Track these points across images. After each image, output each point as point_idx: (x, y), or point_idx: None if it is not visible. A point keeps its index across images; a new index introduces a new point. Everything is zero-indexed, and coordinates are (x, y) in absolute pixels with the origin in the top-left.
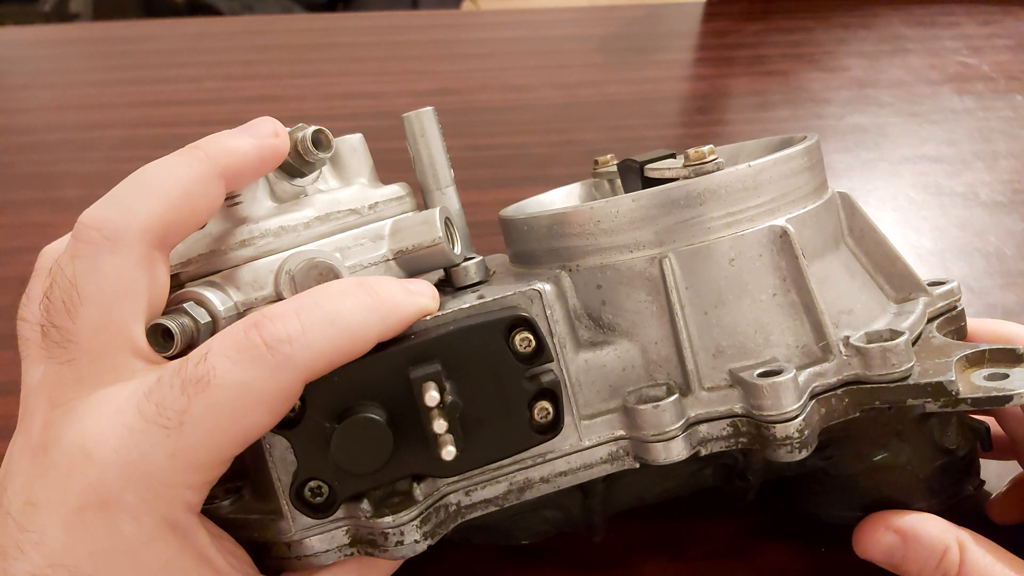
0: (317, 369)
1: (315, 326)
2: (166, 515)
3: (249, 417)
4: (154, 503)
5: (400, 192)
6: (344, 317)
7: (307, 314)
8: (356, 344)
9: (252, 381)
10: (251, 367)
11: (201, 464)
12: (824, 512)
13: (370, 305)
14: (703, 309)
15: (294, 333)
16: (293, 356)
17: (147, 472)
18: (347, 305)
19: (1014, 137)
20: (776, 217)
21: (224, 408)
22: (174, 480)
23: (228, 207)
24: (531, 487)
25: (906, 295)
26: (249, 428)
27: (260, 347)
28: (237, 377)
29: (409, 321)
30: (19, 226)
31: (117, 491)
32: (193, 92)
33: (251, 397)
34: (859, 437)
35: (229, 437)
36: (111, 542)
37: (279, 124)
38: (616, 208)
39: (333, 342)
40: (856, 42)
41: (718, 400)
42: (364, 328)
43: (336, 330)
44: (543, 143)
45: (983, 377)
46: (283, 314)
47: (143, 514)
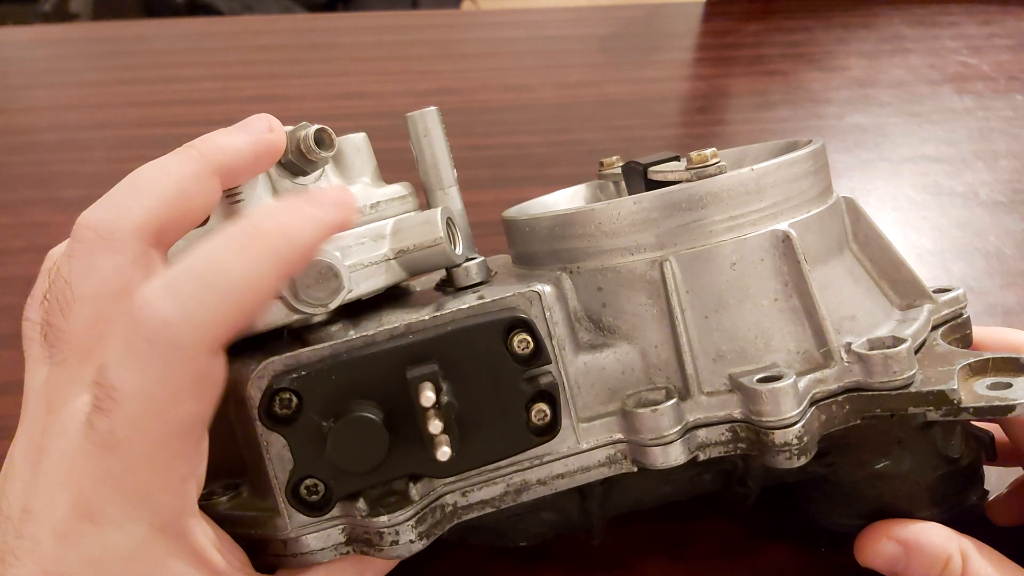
0: (215, 338)
1: (192, 298)
2: (152, 521)
3: (172, 413)
4: (135, 512)
5: (403, 192)
6: (225, 276)
7: (181, 288)
8: (251, 297)
9: (153, 384)
10: (146, 370)
11: (158, 468)
12: (825, 519)
13: (254, 249)
14: (704, 313)
15: (172, 318)
16: (181, 340)
17: (115, 488)
18: (225, 260)
19: (1014, 137)
20: (779, 221)
21: (141, 418)
22: (145, 490)
23: (230, 205)
24: (528, 489)
25: (911, 302)
26: (182, 420)
27: (143, 345)
28: (136, 383)
29: (314, 243)
30: (19, 226)
31: (99, 504)
32: (193, 92)
33: (161, 398)
34: (860, 444)
35: (166, 436)
36: (102, 551)
37: (274, 120)
38: (617, 210)
39: (220, 307)
40: (856, 42)
41: (717, 405)
42: (254, 278)
43: (219, 294)
44: (543, 143)
45: (986, 386)
46: (152, 298)
47: (128, 523)
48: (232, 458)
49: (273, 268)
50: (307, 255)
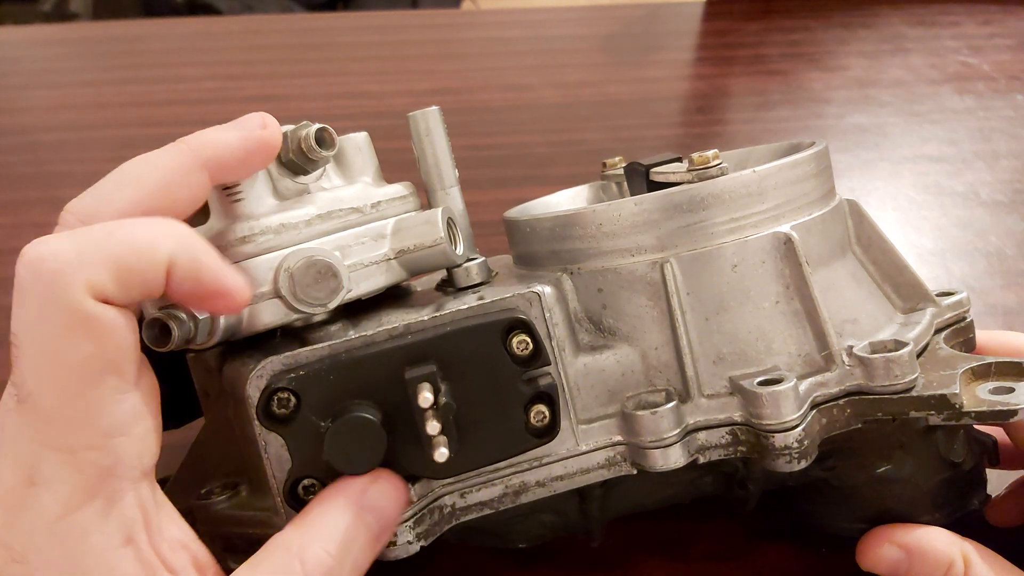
0: (99, 280)
1: (85, 238)
2: (79, 482)
3: (67, 354)
4: (63, 471)
5: (403, 191)
6: (124, 233)
7: (80, 232)
8: (140, 258)
9: (39, 320)
10: (30, 307)
11: (76, 420)
12: (826, 523)
13: (163, 228)
14: (704, 315)
15: (58, 248)
16: (57, 270)
17: (43, 444)
18: (126, 225)
19: (1015, 137)
20: (781, 224)
21: (40, 362)
22: (67, 444)
23: (230, 203)
24: (527, 491)
25: (913, 305)
26: (78, 363)
27: (25, 279)
28: (27, 325)
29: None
30: (19, 226)
31: (34, 466)
32: (193, 92)
33: (49, 335)
34: (862, 448)
35: (70, 383)
36: (37, 518)
37: (270, 117)
38: (619, 211)
39: (107, 250)
40: (856, 42)
41: (717, 408)
42: (146, 243)
43: (112, 241)
44: (543, 143)
45: (988, 390)
46: (47, 238)
47: (57, 483)
48: (231, 458)
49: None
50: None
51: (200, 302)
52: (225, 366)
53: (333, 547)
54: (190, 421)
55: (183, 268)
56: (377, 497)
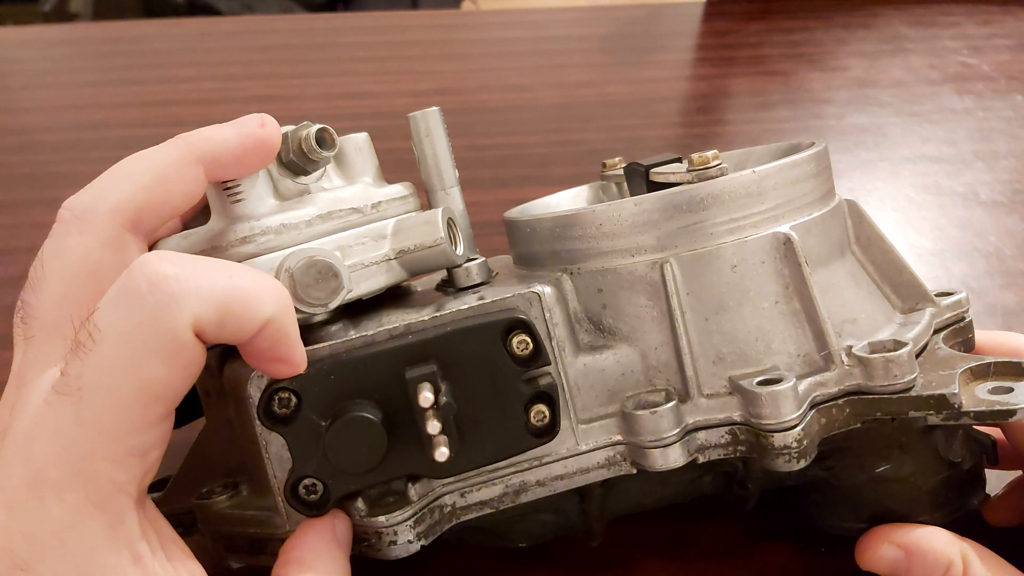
0: (205, 316)
1: (209, 273)
2: (90, 493)
3: (142, 370)
4: (75, 479)
5: (404, 192)
6: (242, 280)
7: (203, 263)
8: (247, 310)
9: (135, 328)
10: (132, 312)
11: (110, 430)
12: (825, 523)
13: (273, 288)
14: (704, 315)
15: (182, 272)
16: (176, 293)
17: (64, 446)
18: (246, 273)
19: (1014, 137)
20: (780, 224)
21: (113, 365)
22: (89, 451)
23: (231, 203)
24: (527, 490)
25: (912, 305)
26: (147, 383)
27: (140, 287)
28: (119, 327)
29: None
30: (19, 226)
31: (43, 468)
32: (193, 92)
33: (137, 346)
34: (861, 448)
35: (128, 396)
36: (41, 524)
37: (268, 117)
38: (618, 212)
39: (224, 292)
40: (856, 42)
41: (717, 407)
42: (257, 299)
43: (231, 285)
44: (543, 143)
45: (987, 390)
46: (164, 255)
47: (67, 491)
48: (232, 457)
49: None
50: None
51: (262, 362)
52: (226, 366)
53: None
54: (190, 421)
55: (272, 331)
56: (344, 533)
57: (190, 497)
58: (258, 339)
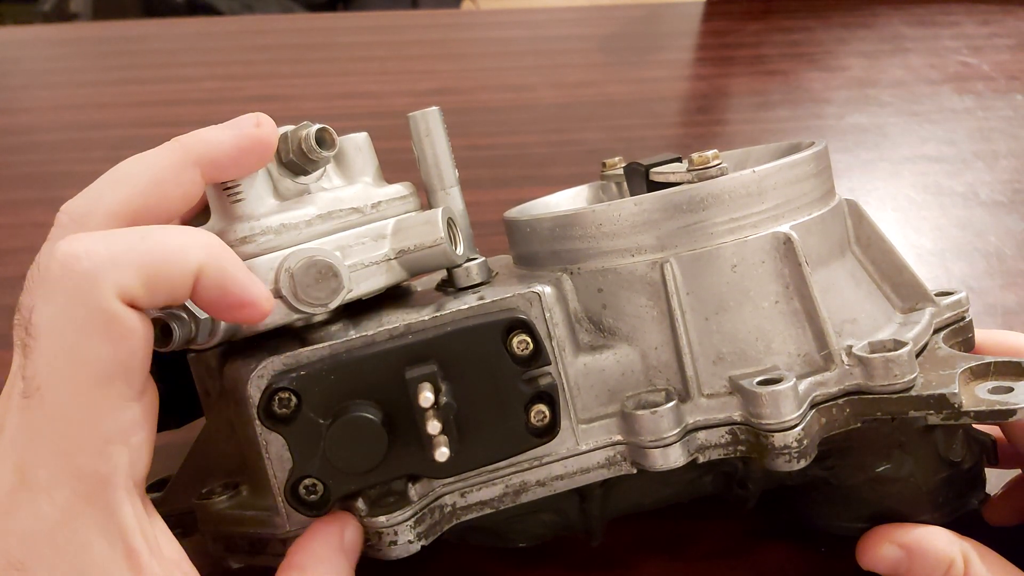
0: (128, 283)
1: (119, 240)
2: (77, 489)
3: (84, 352)
4: (61, 476)
5: (404, 192)
6: (156, 238)
7: (115, 233)
8: (170, 265)
9: (62, 314)
10: (55, 299)
11: (77, 421)
12: (825, 522)
13: (196, 238)
14: (704, 315)
15: (92, 247)
16: (89, 270)
17: (44, 446)
18: (160, 231)
19: (1014, 137)
20: (780, 224)
21: (56, 356)
22: (66, 448)
23: (231, 203)
24: (527, 490)
25: (912, 305)
26: (93, 364)
27: (54, 273)
28: (48, 318)
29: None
30: (19, 226)
31: (31, 470)
32: (193, 92)
33: (70, 331)
34: (861, 448)
35: (81, 382)
36: (35, 523)
37: (265, 116)
38: (618, 211)
39: (140, 254)
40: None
41: (717, 407)
42: (178, 252)
43: (145, 245)
44: (543, 143)
45: (987, 390)
46: (82, 236)
47: (55, 490)
48: (232, 458)
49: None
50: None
51: (224, 311)
52: (226, 366)
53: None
54: (190, 421)
55: (210, 277)
56: (354, 538)
57: (190, 497)
58: (201, 291)
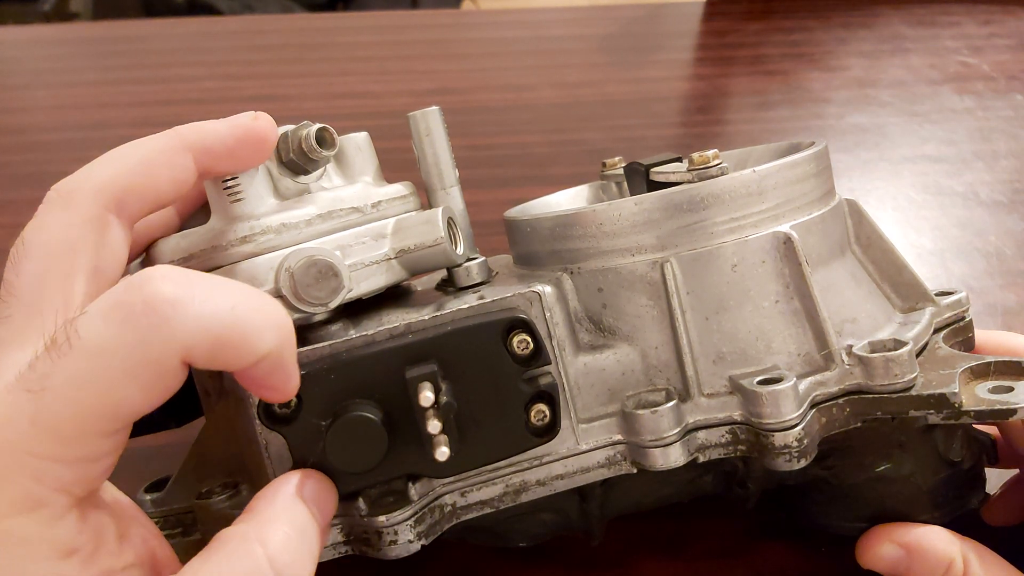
0: (197, 349)
1: (211, 301)
2: (29, 489)
3: (115, 390)
4: (15, 472)
5: (404, 191)
6: (244, 311)
7: (207, 287)
8: (246, 345)
9: (119, 347)
10: (120, 330)
11: (65, 436)
12: (826, 522)
13: (276, 321)
14: (704, 315)
15: (183, 297)
16: (172, 321)
17: (10, 437)
18: (250, 303)
19: (1014, 137)
20: (780, 223)
21: (85, 377)
22: (36, 449)
23: (231, 203)
24: (527, 490)
25: (912, 305)
26: (117, 403)
27: (135, 306)
28: (101, 341)
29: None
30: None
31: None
32: (193, 92)
33: (115, 366)
34: (861, 447)
35: (92, 410)
36: None
37: (263, 113)
38: (619, 211)
39: (224, 326)
40: (856, 42)
41: (717, 407)
42: (257, 333)
43: (232, 318)
44: (543, 143)
45: (987, 390)
46: (177, 277)
47: (6, 482)
48: (232, 457)
49: (274, 339)
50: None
51: (250, 385)
52: None
53: (293, 531)
54: (190, 421)
55: (268, 364)
56: (316, 491)
57: (190, 497)
58: (252, 369)
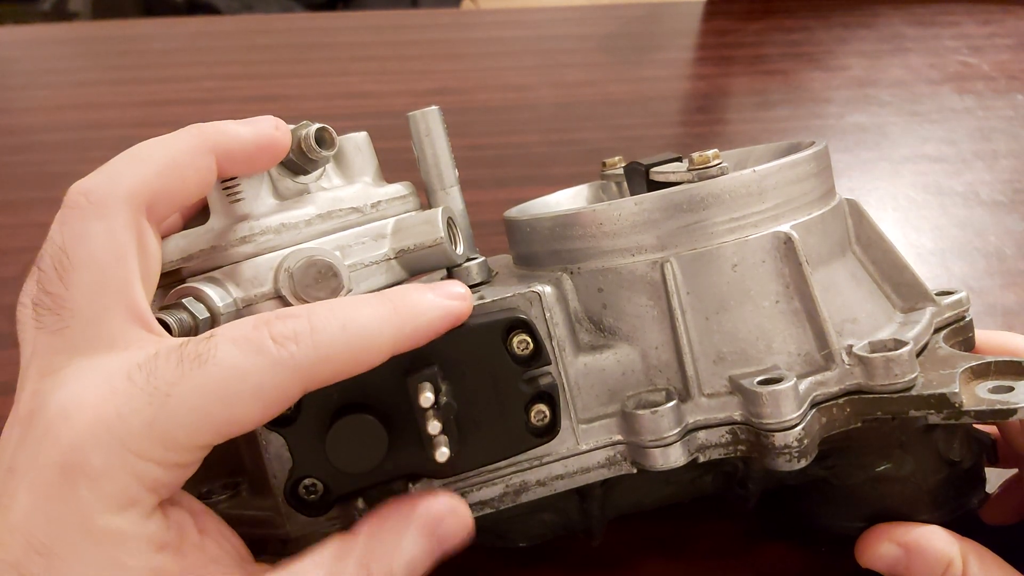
0: (320, 374)
1: (325, 330)
2: (127, 487)
3: (239, 406)
4: (118, 470)
5: (403, 191)
6: (357, 324)
7: (319, 318)
8: (366, 353)
9: (251, 370)
10: (253, 357)
11: (177, 442)
12: (826, 522)
13: (384, 315)
14: (704, 314)
15: (302, 332)
16: (296, 355)
17: (119, 435)
18: (362, 313)
19: (1014, 136)
20: (780, 223)
21: (216, 389)
22: (145, 450)
23: (230, 203)
24: (527, 490)
25: (913, 305)
26: (236, 418)
27: (266, 340)
28: (237, 362)
29: (435, 328)
30: (19, 226)
31: (85, 451)
32: (192, 91)
33: (246, 386)
34: (862, 447)
35: (213, 421)
36: (67, 507)
37: (281, 122)
38: (619, 211)
39: (341, 348)
40: (856, 41)
41: (717, 407)
42: (376, 336)
43: (346, 336)
44: (543, 142)
45: (987, 390)
46: (295, 315)
47: (105, 480)
48: (232, 457)
49: (397, 337)
50: (425, 333)
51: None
52: None
53: (401, 571)
54: None
55: (403, 339)
56: (450, 532)
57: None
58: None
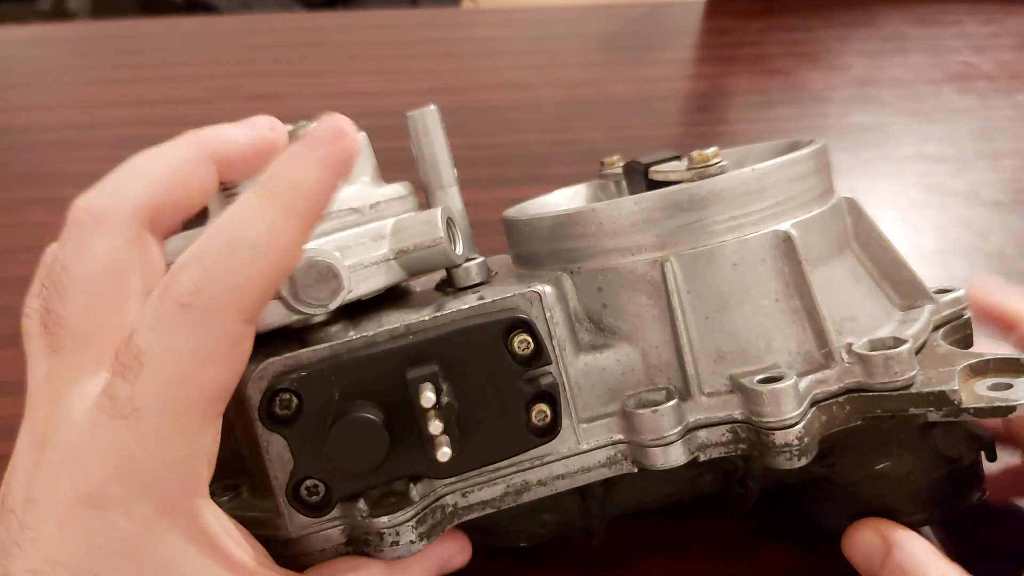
0: (247, 301)
1: (217, 263)
2: (159, 503)
3: (198, 379)
4: (141, 493)
5: (402, 191)
6: (244, 238)
7: (206, 255)
8: (277, 256)
9: (182, 345)
10: (174, 332)
11: (173, 442)
12: (826, 521)
13: (268, 209)
14: (704, 314)
15: (199, 280)
16: (210, 304)
17: (125, 465)
18: (243, 222)
19: (1016, 136)
20: (780, 222)
21: (167, 381)
22: (153, 465)
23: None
24: (528, 490)
25: (912, 303)
26: (205, 388)
27: (174, 308)
28: (165, 346)
29: (325, 186)
30: (18, 226)
31: (102, 487)
32: (192, 91)
33: (189, 360)
34: (861, 445)
35: (186, 405)
36: (108, 537)
37: (277, 121)
38: (618, 210)
39: (244, 268)
40: (858, 41)
41: (718, 406)
42: (275, 236)
43: (241, 256)
44: (543, 142)
45: (987, 387)
46: (183, 265)
47: (133, 506)
48: (232, 458)
49: (292, 223)
50: (323, 200)
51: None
52: None
53: None
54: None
55: (308, 206)
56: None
57: None
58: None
